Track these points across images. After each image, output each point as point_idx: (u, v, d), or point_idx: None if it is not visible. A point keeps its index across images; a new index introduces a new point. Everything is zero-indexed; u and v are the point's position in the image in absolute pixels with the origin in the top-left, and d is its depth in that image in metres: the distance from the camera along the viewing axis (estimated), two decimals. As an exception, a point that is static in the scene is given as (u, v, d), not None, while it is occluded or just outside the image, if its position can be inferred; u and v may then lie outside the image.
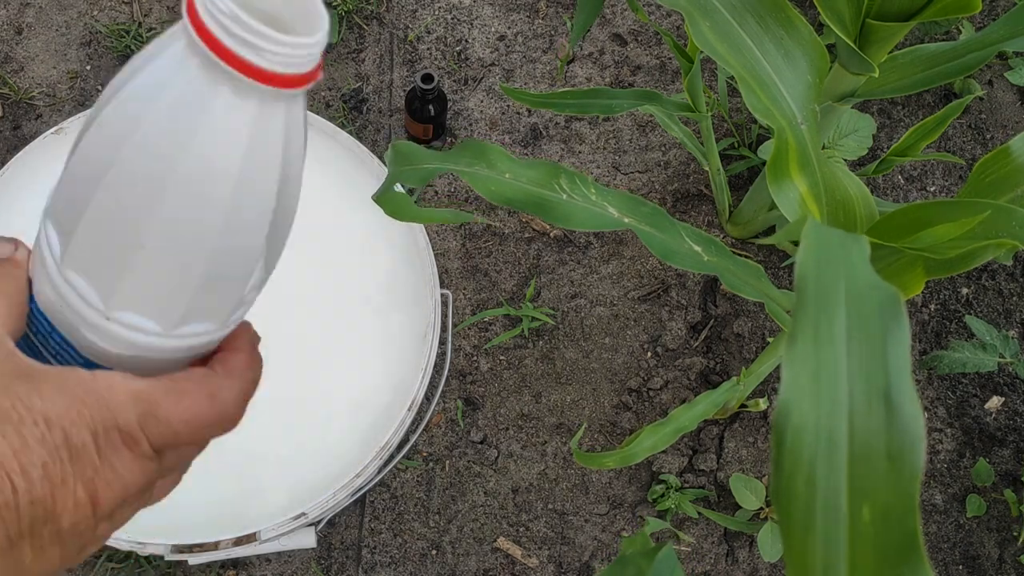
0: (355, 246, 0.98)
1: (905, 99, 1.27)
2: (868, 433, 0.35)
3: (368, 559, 1.06)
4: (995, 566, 1.09)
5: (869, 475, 0.36)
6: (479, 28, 1.27)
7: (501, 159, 0.68)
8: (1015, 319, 1.18)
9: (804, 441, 0.36)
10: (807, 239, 0.35)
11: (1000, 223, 0.58)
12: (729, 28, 0.67)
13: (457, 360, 1.13)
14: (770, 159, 0.62)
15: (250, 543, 0.88)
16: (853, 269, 0.34)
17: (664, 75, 1.26)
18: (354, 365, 0.94)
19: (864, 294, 0.33)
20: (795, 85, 0.66)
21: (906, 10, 0.72)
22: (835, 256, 0.35)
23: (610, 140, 1.23)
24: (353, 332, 0.95)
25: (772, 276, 1.17)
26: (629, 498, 1.10)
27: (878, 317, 0.33)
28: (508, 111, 1.23)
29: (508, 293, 1.16)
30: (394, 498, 1.08)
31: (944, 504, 1.11)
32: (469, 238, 1.18)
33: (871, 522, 0.36)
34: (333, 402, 0.93)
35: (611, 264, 1.18)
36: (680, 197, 1.21)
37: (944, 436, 1.13)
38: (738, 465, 1.11)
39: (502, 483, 1.10)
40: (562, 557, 1.08)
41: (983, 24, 1.30)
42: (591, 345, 1.15)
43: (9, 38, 1.23)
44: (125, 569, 1.04)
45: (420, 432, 1.07)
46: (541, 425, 1.12)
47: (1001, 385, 1.15)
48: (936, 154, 0.92)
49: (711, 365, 1.14)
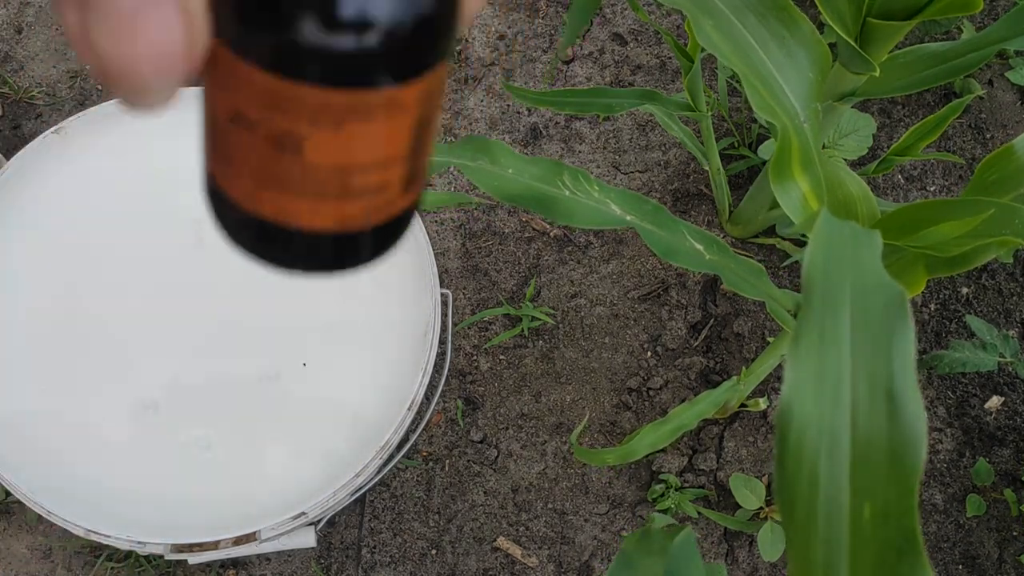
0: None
1: (905, 98, 1.27)
2: (870, 431, 0.35)
3: (368, 558, 1.06)
4: (995, 566, 1.09)
5: (871, 474, 0.36)
6: (479, 27, 1.27)
7: (504, 155, 0.68)
8: (1015, 319, 1.18)
9: (807, 439, 0.36)
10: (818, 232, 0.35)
11: (1003, 222, 0.58)
12: (731, 26, 0.67)
13: (457, 360, 1.13)
14: (773, 158, 0.62)
15: (250, 542, 0.88)
16: (861, 266, 0.34)
17: (664, 74, 1.26)
18: (354, 365, 0.94)
19: (870, 292, 0.33)
20: (797, 83, 0.66)
21: (907, 9, 0.72)
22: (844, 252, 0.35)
23: (610, 139, 1.23)
24: (352, 332, 0.95)
25: (772, 276, 1.17)
26: (629, 498, 1.10)
27: (883, 316, 0.33)
28: (508, 110, 1.23)
29: (508, 293, 1.16)
30: (394, 497, 1.08)
31: (944, 504, 1.11)
32: (469, 238, 1.18)
33: (872, 521, 0.36)
34: (333, 401, 0.93)
35: (611, 264, 1.18)
36: (680, 196, 1.21)
37: (944, 436, 1.13)
38: (738, 465, 1.11)
39: (502, 483, 1.10)
40: (562, 557, 1.07)
41: (983, 23, 1.30)
42: (591, 345, 1.15)
43: (9, 37, 1.23)
44: (125, 568, 1.04)
45: (420, 432, 1.07)
46: (541, 425, 1.12)
47: (1001, 385, 1.15)
48: (936, 154, 0.92)
49: (711, 365, 1.14)
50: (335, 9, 0.17)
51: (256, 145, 0.19)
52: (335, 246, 0.21)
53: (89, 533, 0.85)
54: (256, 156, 0.19)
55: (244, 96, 0.18)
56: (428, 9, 0.18)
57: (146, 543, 0.86)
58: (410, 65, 0.19)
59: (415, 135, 0.20)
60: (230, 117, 0.19)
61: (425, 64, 0.19)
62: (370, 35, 0.17)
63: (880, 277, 0.34)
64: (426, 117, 0.20)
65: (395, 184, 0.21)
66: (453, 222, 1.19)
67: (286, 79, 0.18)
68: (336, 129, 0.18)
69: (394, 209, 0.21)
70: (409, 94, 0.19)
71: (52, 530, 1.05)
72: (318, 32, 0.17)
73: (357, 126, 0.19)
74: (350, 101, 0.18)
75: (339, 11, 0.17)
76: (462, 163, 0.68)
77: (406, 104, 0.19)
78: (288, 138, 0.19)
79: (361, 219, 0.21)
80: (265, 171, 0.19)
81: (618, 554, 0.53)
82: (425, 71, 0.19)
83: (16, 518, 1.06)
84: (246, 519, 0.87)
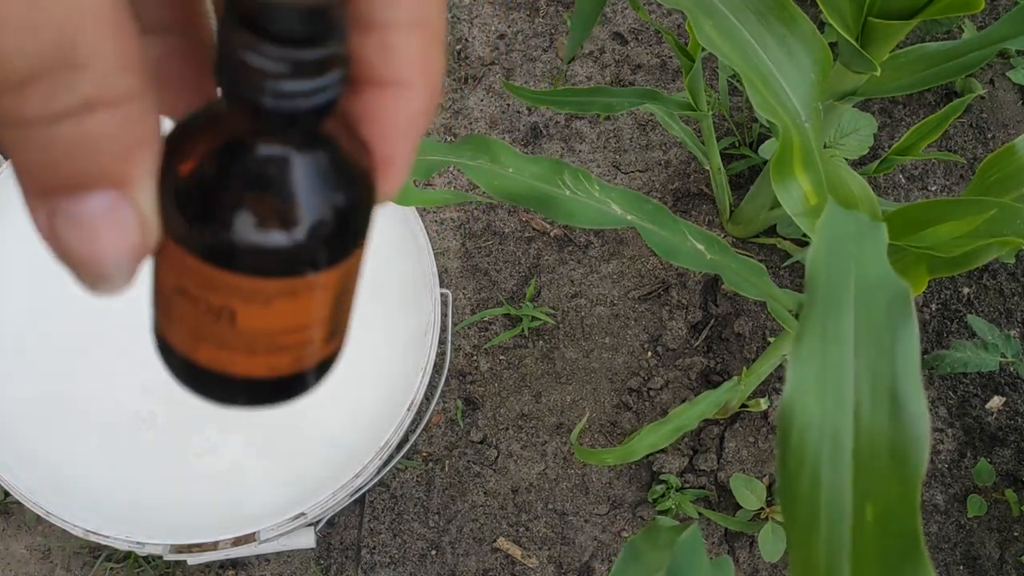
0: (355, 245, 0.97)
1: (906, 98, 1.26)
2: (873, 431, 0.35)
3: (367, 559, 1.06)
4: (996, 566, 1.08)
5: (873, 474, 0.36)
6: (479, 27, 1.27)
7: (504, 153, 0.68)
8: (1016, 318, 1.18)
9: (809, 439, 0.35)
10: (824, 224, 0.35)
11: (1005, 221, 0.58)
12: (731, 26, 0.67)
13: (457, 360, 1.13)
14: (774, 157, 0.62)
15: (249, 543, 0.88)
16: (866, 260, 0.34)
17: (665, 74, 1.26)
18: (353, 365, 0.94)
19: (874, 288, 0.33)
20: (798, 83, 0.66)
21: (908, 8, 0.72)
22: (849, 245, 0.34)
23: (610, 139, 1.23)
24: (352, 332, 0.95)
25: (772, 276, 1.16)
26: (629, 498, 1.10)
27: (887, 313, 0.33)
28: (508, 110, 1.23)
29: (508, 293, 1.16)
30: (394, 498, 1.08)
31: (945, 504, 1.11)
32: (469, 237, 1.18)
33: (874, 521, 0.35)
34: (332, 401, 0.93)
35: (611, 263, 1.17)
36: (681, 196, 1.21)
37: (945, 436, 1.13)
38: (739, 465, 1.10)
39: (502, 483, 1.09)
40: (562, 557, 1.07)
41: (985, 23, 1.30)
42: (591, 345, 1.15)
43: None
44: (124, 569, 1.03)
45: (420, 432, 1.07)
46: (541, 425, 1.11)
47: (1002, 385, 1.15)
48: (937, 153, 0.92)
49: (712, 365, 1.14)
50: (261, 216, 0.20)
51: (196, 312, 0.22)
52: (268, 389, 0.25)
53: (88, 534, 0.85)
54: (195, 320, 0.22)
55: (187, 278, 0.22)
56: (344, 207, 0.21)
57: (145, 544, 0.86)
58: (330, 255, 0.22)
59: (336, 302, 0.24)
60: (174, 290, 0.22)
61: (344, 252, 0.22)
62: (293, 234, 0.21)
63: (884, 271, 0.34)
64: (347, 288, 0.24)
65: (319, 339, 0.24)
66: (453, 222, 1.18)
67: (221, 269, 0.21)
68: (265, 306, 0.22)
69: (321, 356, 0.25)
70: (330, 276, 0.22)
71: (51, 530, 1.04)
72: (246, 234, 0.20)
73: (284, 303, 0.22)
74: (277, 287, 0.22)
75: (264, 218, 0.20)
76: (462, 162, 0.68)
77: (328, 284, 0.22)
78: (223, 311, 0.22)
79: (290, 367, 0.24)
80: (203, 332, 0.23)
81: (626, 545, 0.53)
82: (345, 257, 0.22)
83: (15, 518, 1.05)
84: (245, 520, 0.87)
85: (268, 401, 0.26)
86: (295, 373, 0.25)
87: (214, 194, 0.20)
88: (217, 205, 0.20)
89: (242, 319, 0.22)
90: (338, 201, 0.21)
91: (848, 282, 0.34)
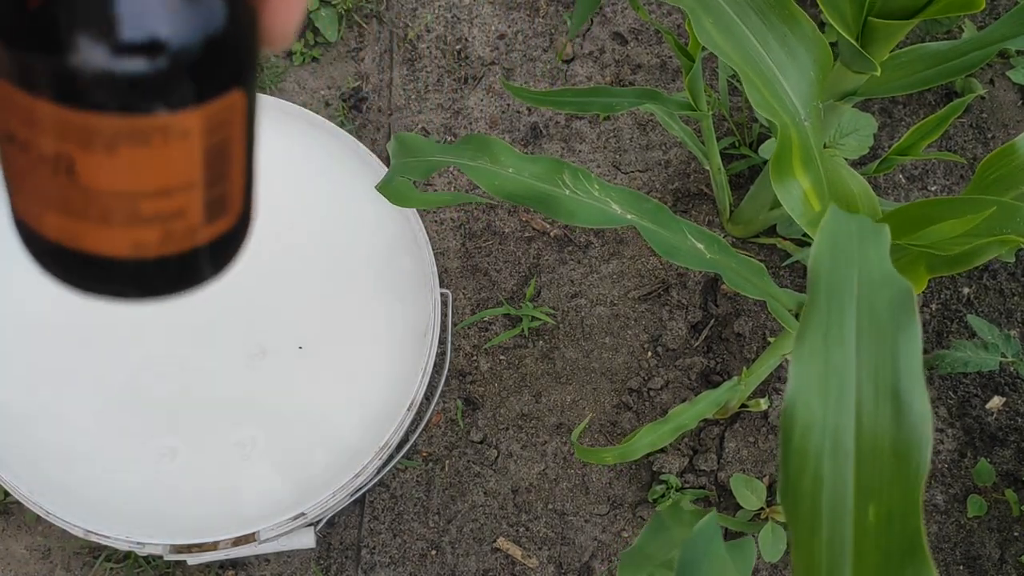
0: (354, 246, 0.97)
1: (906, 98, 1.26)
2: (876, 431, 0.35)
3: (367, 559, 1.06)
4: (996, 566, 1.08)
5: (875, 474, 0.35)
6: (479, 27, 1.27)
7: (504, 153, 0.67)
8: (1017, 318, 1.18)
9: (811, 439, 0.35)
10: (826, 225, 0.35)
11: (1005, 220, 0.57)
12: (732, 25, 0.67)
13: (457, 360, 1.13)
14: (773, 156, 0.62)
15: (249, 543, 0.87)
16: (868, 260, 0.34)
17: (665, 74, 1.26)
18: (353, 365, 0.94)
19: (876, 287, 0.33)
20: (798, 82, 0.66)
21: (908, 8, 0.72)
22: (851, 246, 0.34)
23: (610, 139, 1.23)
24: (352, 332, 0.95)
25: (773, 276, 1.16)
26: (629, 498, 1.09)
27: (889, 312, 0.33)
28: (508, 110, 1.23)
29: (508, 292, 1.16)
30: (394, 498, 1.08)
31: (945, 504, 1.10)
32: (469, 237, 1.18)
33: (876, 521, 0.35)
34: (332, 401, 0.93)
35: (611, 263, 1.17)
36: (681, 196, 1.21)
37: (945, 436, 1.13)
38: (739, 465, 1.10)
39: (502, 483, 1.09)
40: (562, 557, 1.07)
41: (985, 23, 1.30)
42: (591, 345, 1.14)
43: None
44: (124, 569, 1.03)
45: (420, 432, 1.06)
46: (541, 425, 1.11)
47: (1003, 385, 1.15)
48: (937, 153, 0.92)
49: (712, 365, 1.14)
50: (85, 26, 0.16)
51: (30, 164, 0.18)
52: (137, 273, 0.20)
53: (88, 534, 0.85)
54: (33, 177, 0.18)
55: (9, 114, 0.17)
56: (205, 30, 0.17)
57: (145, 544, 0.86)
58: (185, 92, 0.17)
59: (209, 163, 0.19)
60: (3, 136, 0.18)
61: (207, 91, 0.18)
62: (125, 49, 0.16)
63: (887, 272, 0.33)
64: (222, 144, 0.19)
65: (193, 212, 0.19)
66: (453, 222, 1.18)
67: (38, 97, 0.17)
68: (109, 153, 0.17)
69: (200, 238, 0.20)
70: (189, 120, 0.18)
71: (51, 531, 1.04)
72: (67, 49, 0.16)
73: (133, 152, 0.17)
74: (118, 126, 0.17)
75: (88, 29, 0.16)
76: (462, 162, 0.68)
77: (188, 131, 0.18)
78: (60, 160, 0.18)
79: (158, 246, 0.19)
80: (43, 192, 0.18)
81: (653, 516, 0.54)
82: (209, 98, 0.18)
83: (15, 518, 1.05)
84: (245, 520, 0.87)
85: (140, 291, 0.21)
86: (168, 255, 0.20)
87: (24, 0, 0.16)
88: (28, 11, 0.16)
89: (83, 171, 0.18)
90: (195, 19, 0.16)
91: (851, 281, 0.34)
